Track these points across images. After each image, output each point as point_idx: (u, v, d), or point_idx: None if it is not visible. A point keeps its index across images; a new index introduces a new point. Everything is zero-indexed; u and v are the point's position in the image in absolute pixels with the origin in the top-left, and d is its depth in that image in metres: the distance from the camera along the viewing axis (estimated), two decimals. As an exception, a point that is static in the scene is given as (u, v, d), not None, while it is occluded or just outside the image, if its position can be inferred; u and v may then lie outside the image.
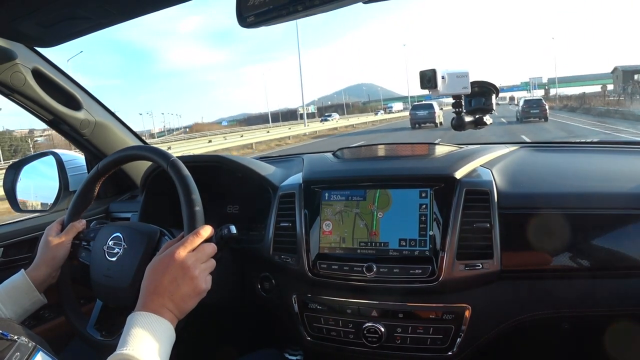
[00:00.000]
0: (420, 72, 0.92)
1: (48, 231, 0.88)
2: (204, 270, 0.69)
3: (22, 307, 0.80)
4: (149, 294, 0.65)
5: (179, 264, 0.66)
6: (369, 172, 1.02)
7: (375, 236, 0.93)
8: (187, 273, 0.66)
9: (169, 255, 0.68)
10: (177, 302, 0.65)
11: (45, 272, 0.83)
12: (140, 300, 0.65)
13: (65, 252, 0.86)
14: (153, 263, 0.68)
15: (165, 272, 0.66)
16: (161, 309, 0.63)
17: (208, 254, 0.71)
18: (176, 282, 0.65)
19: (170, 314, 0.64)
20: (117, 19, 0.85)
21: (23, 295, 0.80)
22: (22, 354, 0.61)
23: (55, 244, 0.85)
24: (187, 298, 0.66)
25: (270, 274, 1.06)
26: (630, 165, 1.08)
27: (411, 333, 0.90)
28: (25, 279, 0.81)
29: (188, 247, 0.69)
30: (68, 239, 0.87)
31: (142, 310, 0.63)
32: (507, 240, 0.86)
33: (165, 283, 0.65)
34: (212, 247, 0.72)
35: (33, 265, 0.83)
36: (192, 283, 0.66)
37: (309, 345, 1.00)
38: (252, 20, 0.69)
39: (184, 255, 0.67)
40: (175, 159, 0.80)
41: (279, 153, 1.66)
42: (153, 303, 0.64)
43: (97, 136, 1.32)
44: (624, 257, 0.84)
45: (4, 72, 1.05)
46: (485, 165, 1.01)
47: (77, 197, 0.90)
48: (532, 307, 0.88)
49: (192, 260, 0.67)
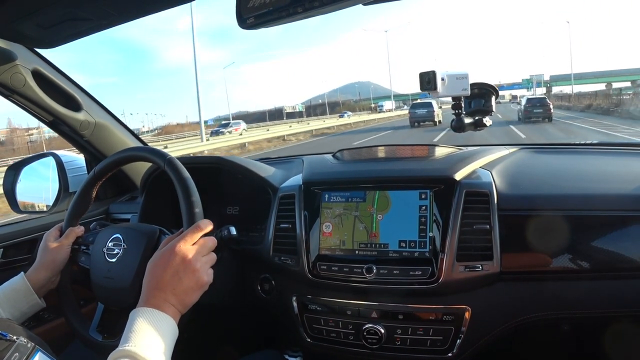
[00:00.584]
0: (420, 74, 0.93)
1: (47, 236, 0.87)
2: (205, 263, 0.69)
3: (20, 311, 0.80)
4: (151, 289, 0.64)
5: (180, 258, 0.66)
6: (369, 173, 1.02)
7: (375, 237, 0.93)
8: (188, 266, 0.66)
9: (169, 249, 0.67)
10: (179, 296, 0.65)
11: (45, 275, 0.83)
12: (142, 297, 0.64)
13: (64, 256, 0.86)
14: (154, 258, 0.68)
15: (166, 266, 0.66)
16: (164, 304, 0.63)
17: (209, 247, 0.71)
18: (178, 275, 0.65)
19: (173, 308, 0.64)
20: (117, 20, 0.85)
21: (22, 298, 0.80)
22: (21, 354, 0.61)
23: (55, 248, 0.85)
24: (189, 291, 0.66)
25: (270, 275, 1.06)
26: (630, 166, 1.08)
27: (411, 334, 0.90)
28: (24, 282, 0.80)
29: (188, 240, 0.68)
30: (67, 243, 0.86)
31: (145, 306, 0.62)
32: (507, 242, 0.86)
33: (167, 277, 0.65)
34: (213, 240, 0.72)
35: (33, 269, 0.83)
36: (193, 276, 0.66)
37: (308, 346, 1.00)
38: (252, 22, 0.69)
39: (185, 249, 0.67)
40: (171, 157, 0.79)
41: (278, 154, 1.64)
42: (155, 298, 0.63)
43: (97, 137, 1.32)
44: (623, 259, 0.84)
45: (4, 73, 1.05)
46: (485, 167, 1.01)
47: (75, 201, 0.90)
48: (532, 309, 0.88)
49: (193, 253, 0.67)
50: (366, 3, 0.66)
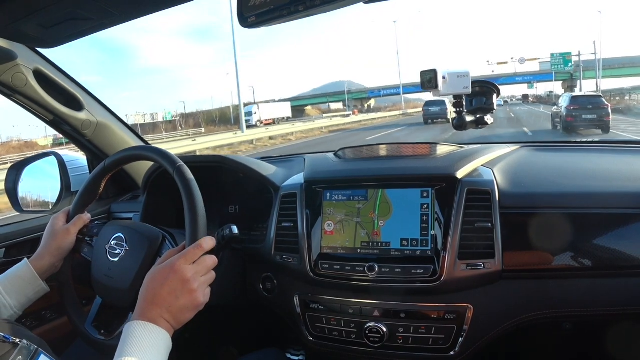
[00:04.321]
0: (421, 72, 0.93)
1: (54, 220, 0.88)
2: (203, 283, 0.69)
3: (26, 297, 0.81)
4: (147, 303, 0.65)
5: (179, 277, 0.66)
6: (371, 172, 1.02)
7: (377, 236, 0.93)
8: (186, 286, 0.66)
9: (169, 266, 0.67)
10: (174, 314, 0.65)
11: (49, 261, 0.84)
12: (137, 309, 0.65)
13: (70, 243, 0.86)
14: (152, 273, 0.68)
15: (164, 283, 0.66)
16: (158, 319, 0.64)
17: (208, 266, 0.71)
18: (175, 294, 0.65)
19: (167, 324, 0.64)
20: (119, 19, 0.85)
21: (27, 284, 0.81)
22: (24, 357, 0.61)
23: (61, 234, 0.86)
24: (184, 310, 0.66)
25: (272, 274, 1.06)
26: (631, 164, 1.08)
27: (413, 333, 0.90)
28: (29, 269, 0.81)
29: (189, 259, 0.68)
30: (75, 230, 0.87)
31: (140, 319, 0.63)
32: (509, 240, 0.86)
33: (163, 294, 0.65)
34: (213, 259, 0.72)
35: (37, 255, 0.84)
36: (190, 296, 0.66)
37: (311, 345, 1.00)
38: (253, 21, 0.69)
39: (184, 268, 0.67)
40: (182, 164, 0.78)
41: (279, 153, 1.64)
42: (150, 312, 0.64)
43: (99, 136, 1.33)
44: (625, 257, 0.84)
45: (6, 72, 1.06)
46: (487, 165, 1.01)
47: (82, 191, 0.90)
48: (533, 307, 0.88)
49: (192, 273, 0.67)
50: (367, 1, 0.66)
